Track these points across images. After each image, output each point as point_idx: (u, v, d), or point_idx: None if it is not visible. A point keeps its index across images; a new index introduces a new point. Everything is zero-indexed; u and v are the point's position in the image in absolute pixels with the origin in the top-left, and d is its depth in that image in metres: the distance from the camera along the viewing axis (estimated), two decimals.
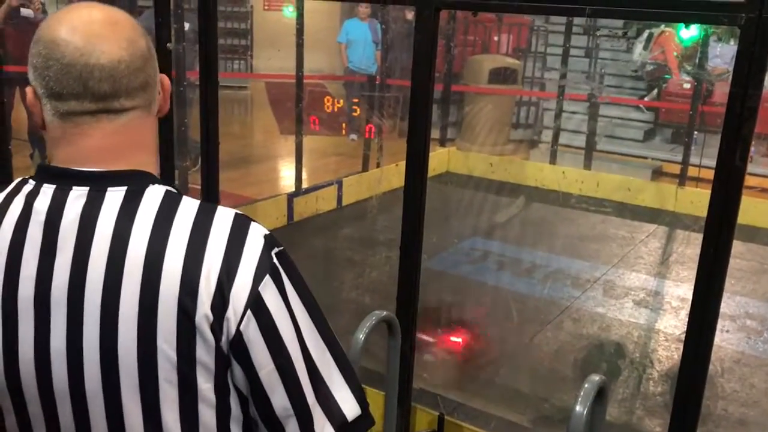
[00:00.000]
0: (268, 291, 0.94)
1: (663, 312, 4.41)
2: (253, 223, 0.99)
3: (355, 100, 8.11)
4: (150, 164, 1.03)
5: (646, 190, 6.58)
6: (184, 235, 0.94)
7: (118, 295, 0.92)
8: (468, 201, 6.66)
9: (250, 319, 0.93)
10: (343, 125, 7.94)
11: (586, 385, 1.90)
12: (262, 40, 12.04)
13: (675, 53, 8.90)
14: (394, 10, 7.79)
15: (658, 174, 7.77)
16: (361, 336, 2.23)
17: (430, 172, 2.49)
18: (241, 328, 0.93)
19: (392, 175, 6.26)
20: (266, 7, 11.73)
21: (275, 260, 0.96)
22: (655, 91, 9.15)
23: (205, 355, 0.93)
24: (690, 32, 7.46)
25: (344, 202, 6.19)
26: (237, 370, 0.95)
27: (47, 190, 0.97)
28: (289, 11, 8.53)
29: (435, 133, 7.82)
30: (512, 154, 8.42)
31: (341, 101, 7.84)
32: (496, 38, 9.97)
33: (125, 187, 0.97)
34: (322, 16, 8.87)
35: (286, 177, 6.87)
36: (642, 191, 6.52)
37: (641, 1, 2.11)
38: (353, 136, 8.02)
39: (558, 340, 3.95)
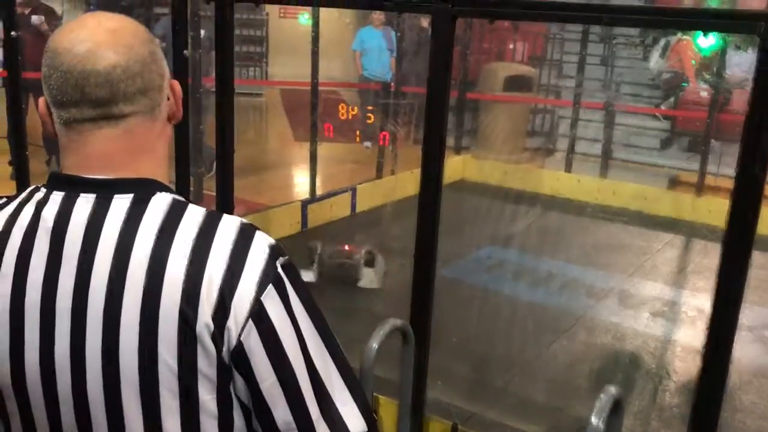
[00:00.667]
0: (271, 301, 0.93)
1: (680, 322, 4.36)
2: (258, 233, 0.98)
3: (370, 108, 8.14)
4: (158, 171, 1.02)
5: (663, 199, 6.52)
6: (188, 243, 0.94)
7: (120, 302, 0.92)
8: (483, 209, 6.63)
9: (251, 329, 0.92)
10: (358, 132, 7.97)
11: (601, 397, 1.88)
12: (277, 48, 12.10)
13: (692, 61, 8.84)
14: (409, 18, 7.80)
15: (674, 183, 7.71)
16: (375, 344, 2.22)
17: (445, 180, 2.47)
18: (242, 338, 0.92)
19: (407, 182, 6.24)
20: (282, 15, 11.79)
21: (280, 270, 0.95)
22: (672, 99, 9.09)
23: (206, 365, 0.92)
24: (708, 40, 7.40)
25: (358, 209, 6.19)
26: (239, 381, 0.94)
27: (56, 198, 0.98)
28: (305, 19, 8.58)
29: (450, 141, 7.81)
30: (528, 162, 8.39)
31: (356, 108, 7.86)
32: (511, 46, 9.96)
33: (132, 195, 0.97)
34: (337, 23, 8.91)
35: (301, 184, 6.88)
36: (658, 200, 6.46)
37: (658, 10, 2.09)
38: (368, 144, 8.03)
39: (573, 349, 3.91)
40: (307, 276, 4.70)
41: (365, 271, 4.76)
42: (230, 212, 2.91)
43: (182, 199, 1.00)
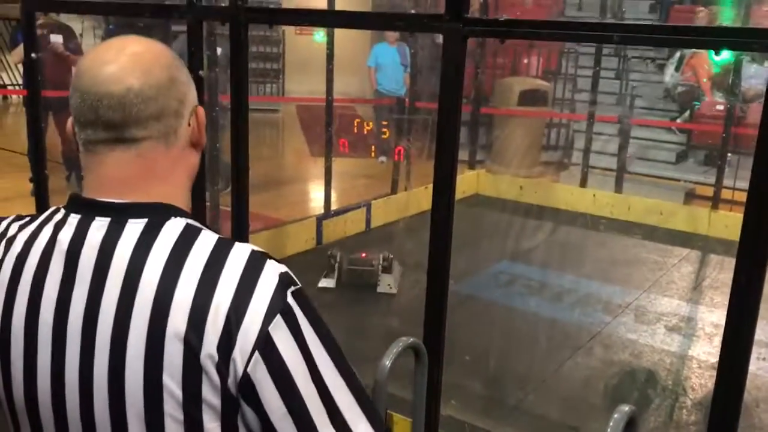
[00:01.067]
0: (279, 332, 0.91)
1: (696, 338, 4.33)
2: (269, 261, 0.96)
3: (384, 123, 8.17)
4: (174, 196, 1.02)
5: (679, 213, 6.47)
6: (197, 270, 0.93)
7: (127, 328, 0.92)
8: (497, 224, 6.63)
9: (258, 361, 0.90)
10: (372, 148, 7.99)
11: (615, 416, 1.87)
12: (293, 64, 12.20)
13: (707, 76, 8.80)
14: (423, 34, 7.84)
15: (690, 196, 7.66)
16: (388, 363, 2.22)
17: (459, 195, 2.48)
18: (249, 370, 0.90)
19: (421, 197, 6.26)
20: (298, 32, 11.89)
21: (290, 300, 0.93)
22: (687, 112, 9.05)
23: (211, 395, 0.91)
24: (723, 54, 7.38)
25: (373, 225, 6.20)
26: (248, 412, 0.92)
27: (72, 221, 0.99)
28: (320, 36, 8.64)
29: (464, 156, 7.82)
30: (542, 176, 8.37)
31: (370, 124, 7.90)
32: (526, 61, 9.97)
33: (145, 220, 0.97)
34: (352, 40, 8.96)
35: (316, 199, 6.91)
36: (674, 215, 6.42)
37: (670, 29, 2.10)
38: (382, 159, 8.06)
39: (588, 366, 3.89)
40: (328, 282, 4.85)
41: (383, 277, 4.87)
42: (245, 227, 2.94)
43: (197, 225, 1.00)
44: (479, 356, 3.88)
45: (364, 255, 5.00)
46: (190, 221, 1.00)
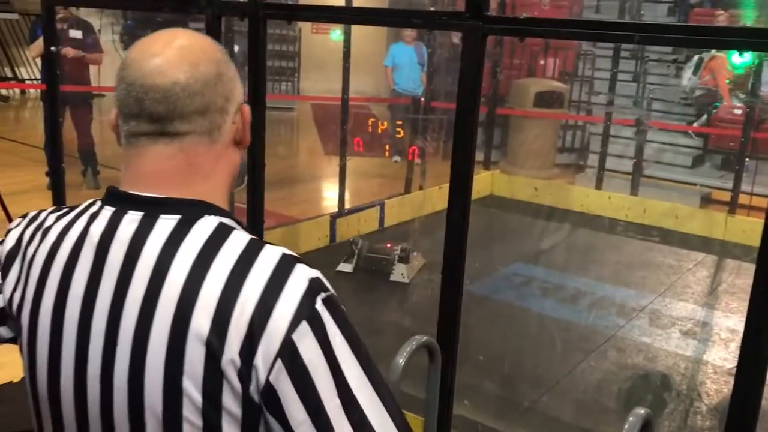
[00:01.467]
0: (305, 339, 0.86)
1: (711, 343, 4.29)
2: (298, 265, 0.92)
3: (399, 123, 8.17)
4: (212, 194, 0.99)
5: (695, 217, 6.42)
6: (224, 271, 0.90)
7: (149, 327, 0.90)
8: (511, 225, 6.60)
9: (280, 369, 0.85)
10: (387, 147, 7.99)
11: (630, 419, 1.85)
12: (309, 63, 12.22)
13: (726, 79, 8.73)
14: (440, 34, 7.83)
15: (707, 201, 7.60)
16: (401, 361, 2.21)
17: (474, 195, 2.47)
18: (271, 378, 0.85)
19: (435, 197, 6.25)
20: (314, 31, 11.91)
21: (318, 306, 0.89)
22: (705, 116, 8.98)
23: (231, 401, 0.87)
24: (742, 57, 7.31)
25: (386, 224, 6.20)
26: (271, 420, 0.88)
27: (106, 213, 0.98)
28: (336, 35, 8.66)
29: (479, 156, 7.80)
30: (558, 178, 8.34)
31: (385, 123, 7.89)
32: (542, 62, 9.93)
33: (178, 216, 0.94)
34: (368, 39, 8.97)
35: (330, 198, 6.91)
36: (690, 219, 6.37)
37: (691, 29, 2.07)
38: (397, 158, 8.06)
39: (602, 369, 3.86)
40: (346, 267, 5.03)
41: (398, 266, 4.97)
42: (260, 224, 2.94)
43: (230, 224, 0.97)
44: (493, 357, 3.86)
45: (389, 245, 5.16)
46: (225, 220, 0.97)
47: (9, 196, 4.64)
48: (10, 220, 4.34)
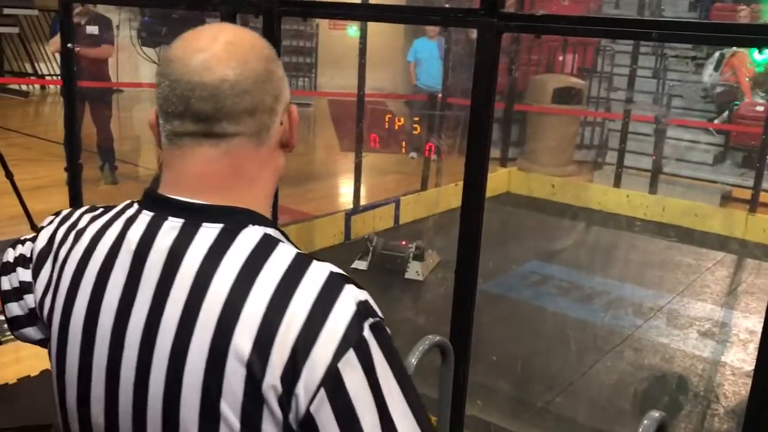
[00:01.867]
0: (350, 369, 0.81)
1: (730, 344, 4.23)
2: (347, 287, 0.86)
3: (416, 119, 8.14)
4: (255, 201, 0.93)
5: (715, 216, 6.34)
6: (269, 288, 0.84)
7: (188, 342, 0.84)
8: (528, 223, 6.56)
9: (323, 399, 0.80)
10: (403, 143, 7.97)
11: (645, 422, 1.82)
12: (326, 59, 12.23)
13: (747, 76, 8.62)
14: (457, 29, 7.78)
15: (727, 199, 7.51)
16: (414, 361, 2.20)
17: (490, 192, 2.44)
18: (312, 409, 0.80)
19: (450, 194, 6.22)
20: (332, 27, 11.91)
21: (366, 333, 0.83)
22: (726, 113, 8.88)
23: (271, 429, 0.82)
24: (763, 54, 7.21)
25: (401, 221, 6.18)
26: None
27: (144, 218, 0.93)
28: (353, 30, 8.64)
29: (495, 153, 7.76)
30: (575, 175, 8.28)
31: (402, 119, 7.87)
32: (560, 58, 9.85)
33: (221, 225, 0.89)
34: (385, 35, 8.94)
35: (345, 194, 6.91)
36: (710, 217, 6.29)
37: (712, 26, 2.04)
38: (413, 154, 8.04)
39: (618, 370, 3.82)
40: (361, 264, 5.02)
41: (412, 264, 4.96)
42: (274, 220, 2.93)
43: (275, 235, 0.91)
44: (506, 356, 3.83)
45: (404, 243, 5.16)
46: (269, 230, 0.91)
47: (28, 191, 4.67)
48: (28, 215, 4.37)
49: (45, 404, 3.10)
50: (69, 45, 3.47)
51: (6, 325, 1.12)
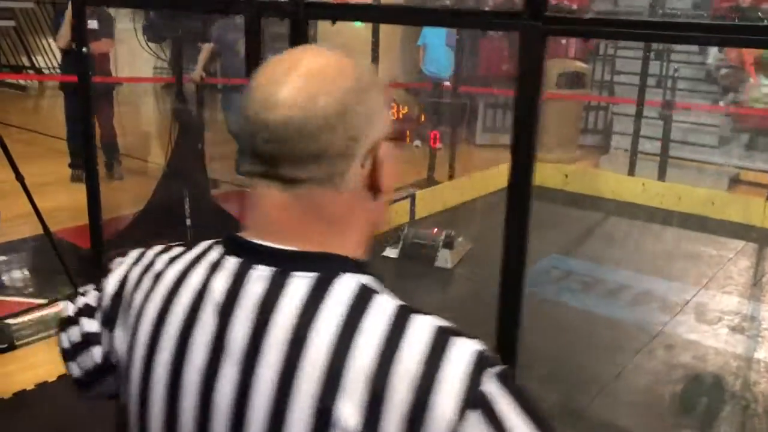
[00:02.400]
0: (475, 429, 0.73)
1: (762, 340, 4.18)
2: (458, 338, 0.77)
3: (421, 107, 8.06)
4: (346, 246, 0.85)
5: (732, 203, 6.29)
6: (372, 346, 0.76)
7: (285, 410, 0.76)
8: (542, 214, 6.48)
9: None
10: (408, 132, 7.88)
11: None
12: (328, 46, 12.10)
13: (752, 58, 8.57)
14: None
15: (735, 181, 7.48)
16: None
17: (502, 184, 2.35)
18: None
19: (464, 187, 6.17)
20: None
21: (486, 386, 0.74)
22: (731, 95, 8.83)
23: None
24: None
25: (417, 216, 6.11)
26: None
27: (228, 266, 0.85)
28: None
29: (506, 140, 7.67)
30: (581, 159, 8.24)
31: (406, 108, 7.77)
32: (564, 41, 9.76)
33: (315, 274, 0.81)
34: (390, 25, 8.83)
35: None
36: (727, 205, 6.24)
37: (717, 27, 1.97)
38: (417, 143, 7.96)
39: (650, 369, 3.76)
40: (392, 252, 5.09)
41: (442, 252, 5.03)
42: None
43: (371, 284, 0.83)
44: (535, 357, 3.77)
45: (435, 231, 5.24)
46: (364, 279, 0.83)
47: (33, 188, 4.56)
48: (38, 214, 4.25)
49: (64, 412, 3.04)
50: (84, 49, 3.36)
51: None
